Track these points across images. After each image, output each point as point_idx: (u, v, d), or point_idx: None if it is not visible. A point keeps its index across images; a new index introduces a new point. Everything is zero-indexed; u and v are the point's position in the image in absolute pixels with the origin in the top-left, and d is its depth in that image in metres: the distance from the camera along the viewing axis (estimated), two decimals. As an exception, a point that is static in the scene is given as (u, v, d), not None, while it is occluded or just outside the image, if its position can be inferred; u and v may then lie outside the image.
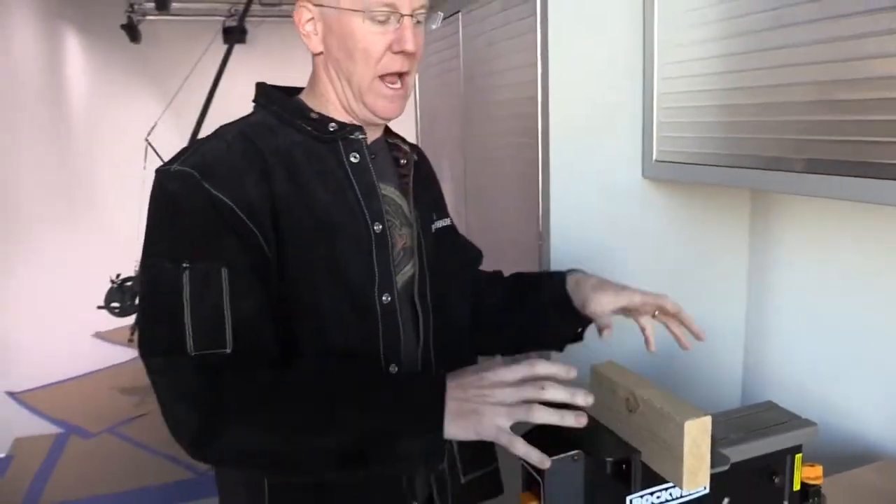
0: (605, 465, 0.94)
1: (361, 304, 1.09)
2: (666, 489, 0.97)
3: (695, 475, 0.90)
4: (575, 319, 1.25)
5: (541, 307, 1.28)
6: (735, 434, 1.08)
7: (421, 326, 1.16)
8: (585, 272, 1.27)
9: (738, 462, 1.02)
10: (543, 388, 0.88)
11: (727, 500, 1.03)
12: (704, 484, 0.92)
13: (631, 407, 0.97)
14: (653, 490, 0.96)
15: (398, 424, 0.91)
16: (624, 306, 1.20)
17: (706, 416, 0.90)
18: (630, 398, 0.97)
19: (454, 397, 0.90)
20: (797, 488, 1.10)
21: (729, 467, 0.99)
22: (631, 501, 0.95)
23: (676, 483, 0.91)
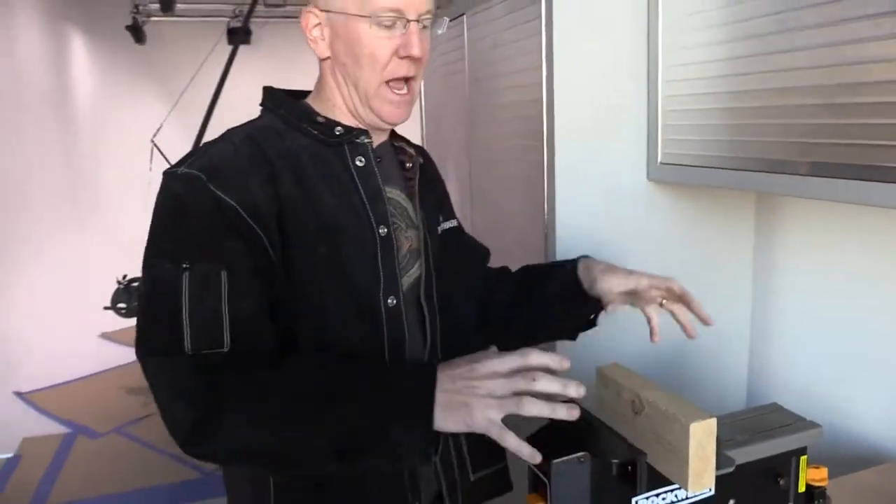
0: (611, 467, 0.94)
1: (366, 307, 1.09)
2: (671, 491, 0.98)
3: (700, 477, 0.90)
4: (586, 304, 1.25)
5: (551, 295, 1.28)
6: (740, 436, 1.09)
7: (428, 328, 1.17)
8: (594, 259, 1.28)
9: (744, 464, 1.03)
10: (535, 380, 0.86)
11: (732, 502, 1.04)
12: (710, 486, 0.93)
13: (636, 409, 0.97)
14: (658, 491, 0.97)
15: (388, 417, 0.89)
16: (632, 288, 1.20)
17: (711, 419, 0.90)
18: (635, 400, 0.97)
19: (444, 389, 0.88)
20: (802, 490, 1.11)
21: (734, 469, 0.99)
22: (637, 503, 0.95)
23: (682, 485, 0.92)
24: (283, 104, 1.15)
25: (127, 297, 4.72)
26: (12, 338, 4.88)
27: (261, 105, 1.18)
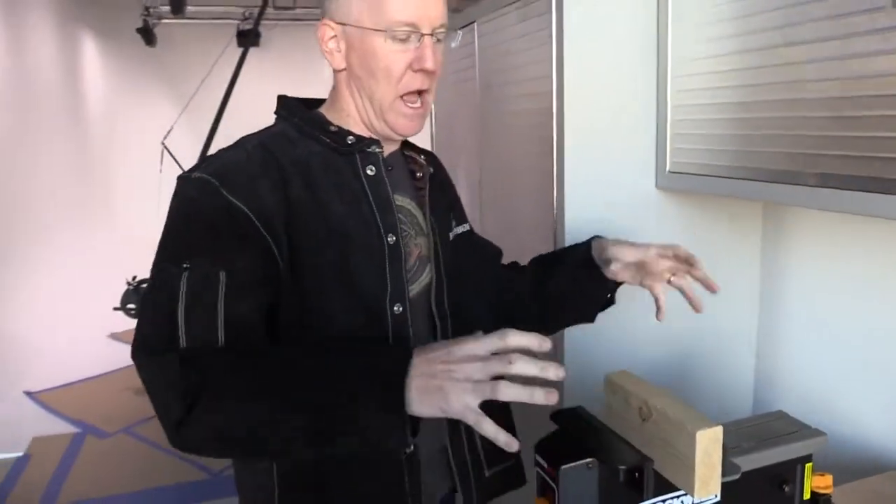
0: (619, 473, 0.95)
1: (373, 314, 1.10)
2: (678, 497, 0.99)
3: (706, 484, 0.92)
4: (602, 282, 1.29)
5: (566, 279, 1.32)
6: (746, 443, 1.09)
7: (438, 333, 1.18)
8: (605, 237, 1.32)
9: (749, 471, 1.04)
10: (511, 363, 0.83)
11: (738, 509, 1.05)
12: (716, 492, 0.94)
13: (644, 416, 0.98)
14: (665, 498, 0.98)
15: (360, 400, 0.88)
16: (641, 258, 1.25)
17: (718, 426, 0.91)
18: (643, 407, 0.99)
19: (420, 373, 0.86)
20: (807, 497, 1.12)
21: (740, 476, 1.00)
22: (643, 509, 0.97)
23: (688, 491, 0.93)
24: (297, 113, 1.17)
25: (137, 298, 4.75)
26: (22, 338, 4.91)
27: (275, 113, 1.20)
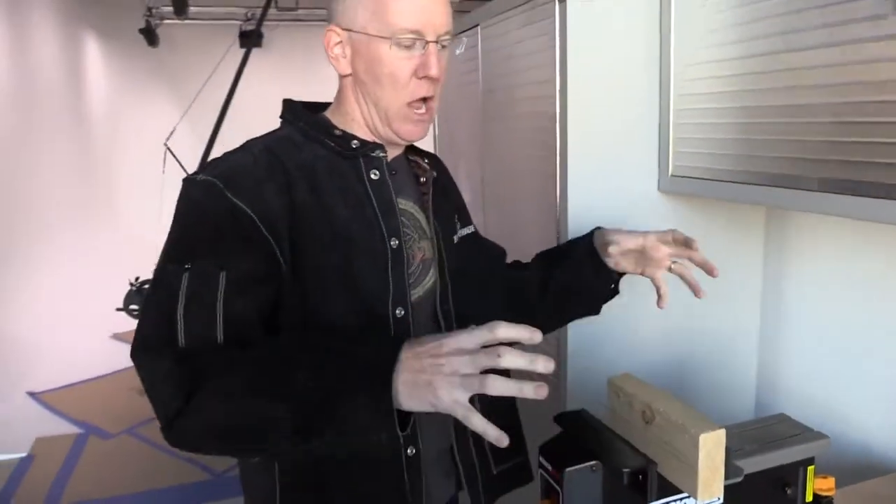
0: (623, 476, 0.96)
1: (375, 318, 1.11)
2: (681, 499, 0.99)
3: (709, 486, 0.92)
4: (606, 274, 1.30)
5: (571, 271, 1.33)
6: (749, 446, 1.10)
7: None
8: (606, 228, 1.33)
9: (752, 473, 1.04)
10: (500, 356, 0.81)
11: (740, 511, 1.06)
12: (718, 495, 0.94)
13: (647, 419, 0.99)
14: (668, 500, 0.99)
15: (347, 394, 0.87)
16: (641, 244, 1.26)
17: (721, 429, 0.92)
18: (646, 410, 0.99)
19: (408, 367, 0.85)
20: (810, 500, 1.12)
21: (742, 479, 1.01)
22: (647, 511, 0.97)
23: (691, 494, 0.93)
24: (302, 117, 1.18)
25: (139, 299, 4.76)
26: (25, 338, 4.92)
27: (280, 117, 1.21)
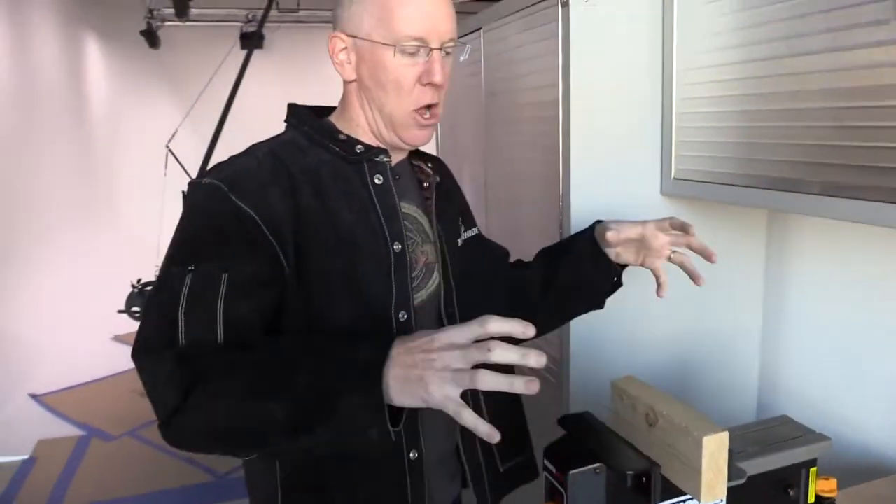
0: (626, 478, 0.96)
1: (378, 322, 1.12)
2: (684, 502, 1.00)
3: (712, 488, 0.93)
4: (608, 267, 1.31)
5: (573, 267, 1.33)
6: (751, 448, 1.11)
7: None
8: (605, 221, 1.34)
9: (755, 475, 1.05)
10: (491, 350, 0.81)
11: (743, 513, 1.06)
12: (722, 497, 0.95)
13: (650, 421, 1.00)
14: (672, 502, 0.99)
15: (339, 391, 0.87)
16: (640, 232, 1.27)
17: (724, 432, 0.92)
18: (650, 413, 1.00)
19: (400, 363, 0.85)
20: (812, 501, 1.13)
21: (745, 480, 1.01)
22: (651, 513, 0.98)
23: (695, 496, 0.94)
24: (307, 121, 1.18)
25: (141, 301, 4.78)
26: (27, 340, 4.93)
27: (285, 121, 1.21)
